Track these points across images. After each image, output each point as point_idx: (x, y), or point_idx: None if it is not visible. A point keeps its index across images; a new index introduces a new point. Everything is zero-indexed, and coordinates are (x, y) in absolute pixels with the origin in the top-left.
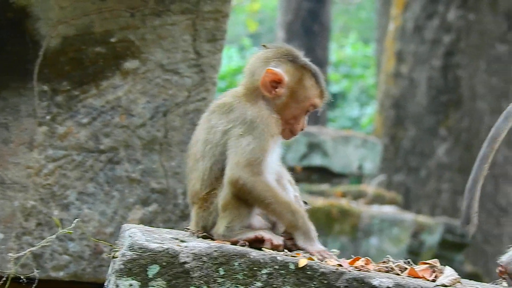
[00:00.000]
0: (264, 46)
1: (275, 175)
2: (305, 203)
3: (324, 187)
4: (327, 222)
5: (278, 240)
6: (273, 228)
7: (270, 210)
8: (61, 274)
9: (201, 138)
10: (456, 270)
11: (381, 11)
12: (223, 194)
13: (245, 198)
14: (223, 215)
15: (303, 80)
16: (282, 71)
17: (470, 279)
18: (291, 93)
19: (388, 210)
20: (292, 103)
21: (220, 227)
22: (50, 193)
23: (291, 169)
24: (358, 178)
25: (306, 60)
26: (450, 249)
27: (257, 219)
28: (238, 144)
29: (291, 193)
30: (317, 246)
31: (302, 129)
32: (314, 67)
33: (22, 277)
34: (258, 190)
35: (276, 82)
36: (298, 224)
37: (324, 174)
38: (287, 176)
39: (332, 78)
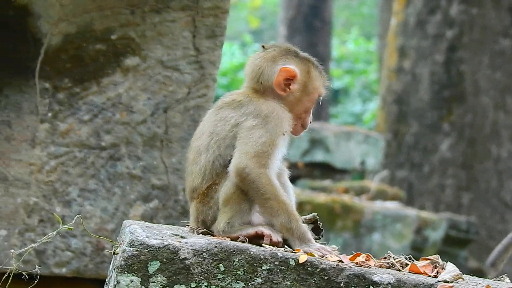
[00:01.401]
0: (263, 47)
1: (278, 171)
2: (321, 229)
3: (327, 183)
4: (330, 218)
5: (278, 237)
6: (272, 225)
7: (267, 206)
8: (63, 271)
9: (207, 131)
10: (460, 266)
11: (383, 6)
12: (225, 188)
13: (246, 189)
14: (223, 210)
15: (310, 72)
16: (294, 67)
17: (474, 275)
18: (303, 87)
19: (391, 206)
20: (304, 96)
21: (220, 223)
22: (52, 189)
23: (294, 165)
24: (361, 174)
25: (305, 53)
26: (454, 245)
27: (256, 216)
28: (250, 135)
29: (291, 190)
30: (315, 245)
31: (310, 122)
32: (313, 58)
33: (24, 274)
34: (261, 183)
35: (289, 79)
36: (292, 227)
37: (327, 170)
38: (287, 173)
39: (335, 74)
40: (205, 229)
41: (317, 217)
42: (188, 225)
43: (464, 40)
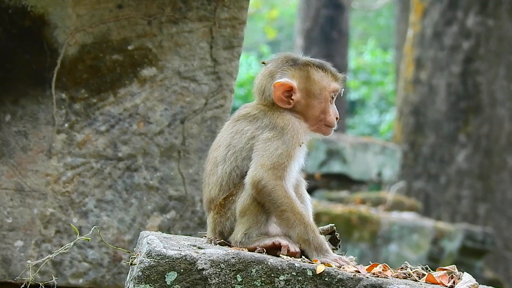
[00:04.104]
0: (263, 63)
1: (295, 182)
2: (338, 239)
3: (343, 194)
4: (347, 229)
5: (295, 247)
6: (290, 236)
7: (283, 218)
8: (80, 282)
9: (224, 143)
10: (476, 276)
11: (400, 17)
12: (242, 199)
13: (263, 201)
14: (240, 221)
15: (310, 76)
16: (288, 79)
17: (491, 286)
18: (306, 93)
19: (408, 216)
20: (312, 101)
21: (237, 234)
22: (69, 200)
23: (311, 176)
24: (378, 185)
25: (307, 58)
26: (470, 256)
27: (273, 227)
28: (266, 147)
29: (309, 200)
30: (332, 255)
31: (337, 118)
32: (316, 60)
33: (41, 285)
34: (277, 195)
35: (288, 91)
36: (309, 238)
37: (343, 181)
38: (304, 184)
39: (351, 85)
40: (222, 240)
41: (335, 227)
42: (206, 236)
43: (481, 52)
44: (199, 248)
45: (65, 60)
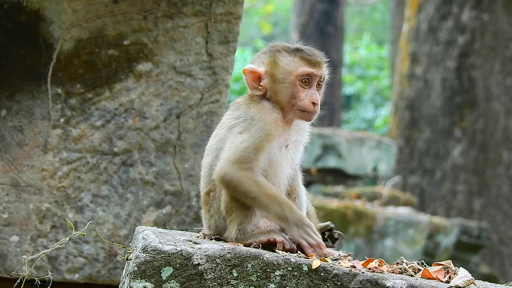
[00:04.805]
0: None
1: (286, 177)
2: (336, 238)
3: (339, 188)
4: (342, 224)
5: (291, 243)
6: (283, 230)
7: (257, 204)
8: (76, 277)
9: (215, 133)
10: (472, 271)
11: (395, 12)
12: (223, 196)
13: (234, 195)
14: (230, 219)
15: (276, 61)
16: (256, 65)
17: (486, 281)
18: (271, 78)
19: (403, 211)
20: (278, 86)
21: (232, 231)
22: (65, 195)
23: (306, 171)
24: (373, 179)
25: (284, 43)
26: (465, 251)
27: (263, 220)
28: (233, 140)
29: (304, 195)
30: (314, 238)
31: (314, 103)
32: (289, 45)
33: (36, 280)
34: (244, 186)
35: (258, 78)
36: (286, 214)
37: (339, 176)
38: (301, 177)
39: (347, 79)
40: (217, 235)
41: (332, 225)
42: (201, 231)
43: (476, 46)
44: (194, 243)
45: (60, 55)
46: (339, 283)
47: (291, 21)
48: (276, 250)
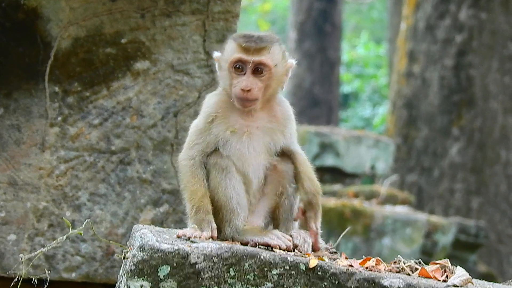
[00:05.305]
0: None
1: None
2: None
3: (337, 187)
4: (340, 222)
5: (287, 242)
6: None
7: (183, 194)
8: (73, 275)
9: None
10: (469, 270)
11: (392, 10)
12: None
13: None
14: (220, 219)
15: (224, 49)
16: (220, 53)
17: (484, 280)
18: (220, 66)
19: (401, 210)
20: (221, 72)
21: (225, 231)
22: (62, 194)
23: None
24: (371, 178)
25: (243, 32)
26: (463, 249)
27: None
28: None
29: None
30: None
31: (244, 90)
32: (242, 32)
33: (33, 278)
34: (182, 174)
35: (220, 66)
36: (191, 215)
37: (337, 174)
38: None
39: (345, 78)
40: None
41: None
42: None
43: (474, 45)
44: (192, 242)
45: (58, 53)
46: (336, 282)
47: (289, 20)
48: (273, 248)
